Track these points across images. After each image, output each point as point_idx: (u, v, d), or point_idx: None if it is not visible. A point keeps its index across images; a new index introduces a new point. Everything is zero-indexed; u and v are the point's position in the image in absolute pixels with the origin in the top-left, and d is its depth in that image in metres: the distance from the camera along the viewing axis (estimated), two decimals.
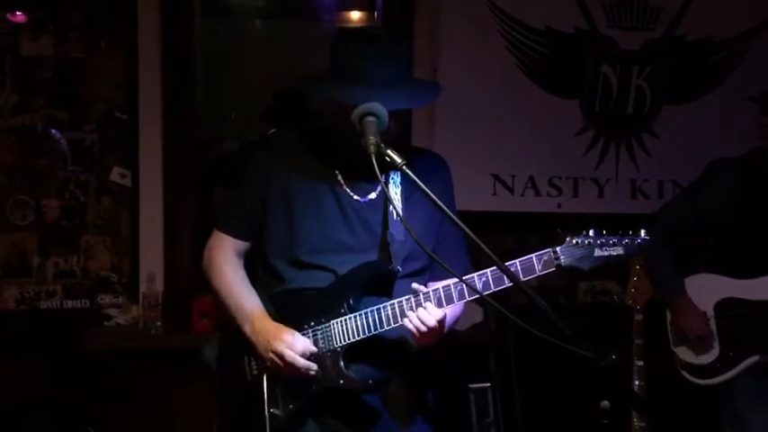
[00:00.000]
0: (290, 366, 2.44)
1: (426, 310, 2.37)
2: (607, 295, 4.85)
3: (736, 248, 3.55)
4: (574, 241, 2.35)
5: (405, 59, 2.51)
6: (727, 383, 3.49)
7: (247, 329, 2.54)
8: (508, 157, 4.67)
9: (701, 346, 3.53)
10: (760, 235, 3.48)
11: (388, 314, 2.42)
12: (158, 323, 4.24)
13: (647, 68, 4.82)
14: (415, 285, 2.42)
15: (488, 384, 4.26)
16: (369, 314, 2.43)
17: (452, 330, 2.61)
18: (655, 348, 3.62)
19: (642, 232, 2.38)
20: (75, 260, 4.34)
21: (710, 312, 3.54)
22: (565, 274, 4.77)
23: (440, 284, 2.40)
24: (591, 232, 2.36)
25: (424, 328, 2.36)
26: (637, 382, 3.54)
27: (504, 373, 4.33)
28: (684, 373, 3.61)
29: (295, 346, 2.44)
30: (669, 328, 3.66)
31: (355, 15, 5.42)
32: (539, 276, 2.37)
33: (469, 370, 4.30)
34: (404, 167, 2.16)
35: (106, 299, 4.36)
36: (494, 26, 4.61)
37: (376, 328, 2.43)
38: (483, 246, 2.04)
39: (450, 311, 2.45)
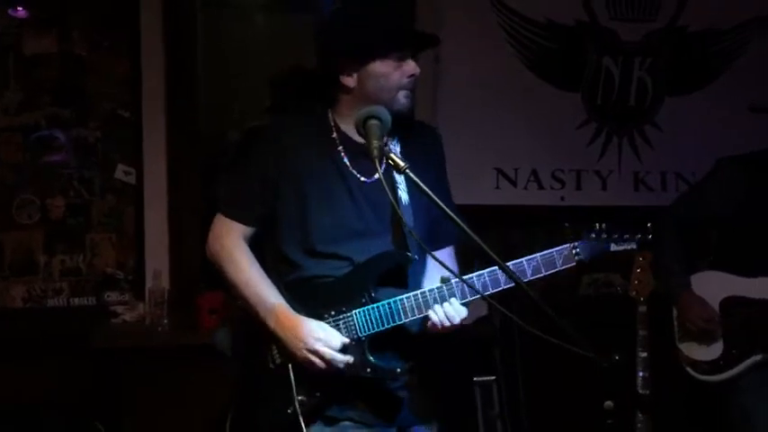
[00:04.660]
0: (329, 363, 2.44)
1: (453, 306, 2.42)
2: (610, 287, 4.85)
3: (742, 247, 3.55)
4: (592, 235, 2.44)
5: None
6: (734, 379, 3.50)
7: (271, 323, 2.51)
8: (511, 151, 4.68)
9: (706, 340, 3.54)
10: (766, 234, 3.48)
11: (412, 305, 2.46)
12: (165, 320, 4.25)
13: (648, 60, 4.82)
14: (448, 275, 2.43)
15: (493, 378, 4.27)
16: (392, 304, 2.46)
17: None
18: (658, 340, 3.63)
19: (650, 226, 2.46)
20: (81, 258, 4.36)
21: (716, 310, 3.54)
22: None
23: (464, 277, 2.43)
24: (604, 226, 2.45)
25: (447, 324, 2.43)
26: (641, 373, 3.54)
27: (509, 367, 4.35)
28: (689, 369, 3.61)
29: (332, 342, 2.45)
30: (675, 323, 3.66)
31: None
32: (559, 271, 2.44)
33: (475, 363, 4.31)
34: (407, 171, 2.20)
35: (112, 296, 4.38)
36: (495, 19, 4.63)
37: (400, 319, 2.46)
38: (482, 243, 2.07)
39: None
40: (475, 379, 4.24)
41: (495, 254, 2.11)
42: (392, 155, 2.22)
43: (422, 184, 2.16)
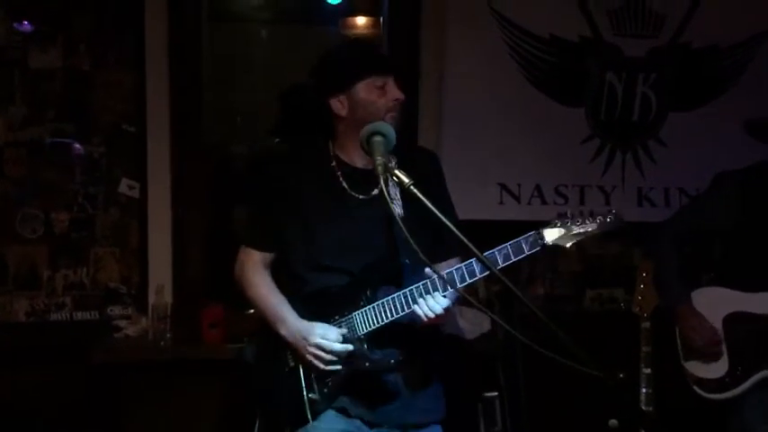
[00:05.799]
0: (330, 352, 2.76)
1: (434, 299, 2.66)
2: (614, 303, 4.85)
3: (744, 262, 3.54)
4: (554, 222, 2.68)
5: None
6: (740, 397, 3.48)
7: (282, 330, 2.87)
8: (514, 166, 4.67)
9: (711, 358, 3.53)
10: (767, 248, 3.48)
11: (401, 302, 2.72)
12: (168, 334, 4.26)
13: (652, 76, 4.81)
14: (427, 271, 2.63)
15: (496, 393, 4.27)
16: (384, 303, 2.75)
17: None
18: (661, 356, 3.62)
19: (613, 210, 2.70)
20: (85, 272, 4.36)
21: (719, 327, 3.53)
22: (572, 282, 4.86)
23: (443, 270, 2.65)
24: (568, 212, 2.69)
25: (431, 315, 2.66)
26: (644, 390, 3.54)
27: (513, 383, 4.34)
28: (695, 388, 3.60)
29: (329, 335, 2.78)
30: (679, 342, 3.65)
31: (360, 21, 5.44)
32: (528, 256, 2.67)
33: (478, 379, 4.30)
34: (411, 187, 2.30)
35: (115, 310, 4.38)
36: (498, 35, 4.62)
37: (392, 315, 2.74)
38: (476, 251, 2.19)
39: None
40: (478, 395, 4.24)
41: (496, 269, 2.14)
42: (396, 171, 2.35)
43: (425, 200, 2.26)
